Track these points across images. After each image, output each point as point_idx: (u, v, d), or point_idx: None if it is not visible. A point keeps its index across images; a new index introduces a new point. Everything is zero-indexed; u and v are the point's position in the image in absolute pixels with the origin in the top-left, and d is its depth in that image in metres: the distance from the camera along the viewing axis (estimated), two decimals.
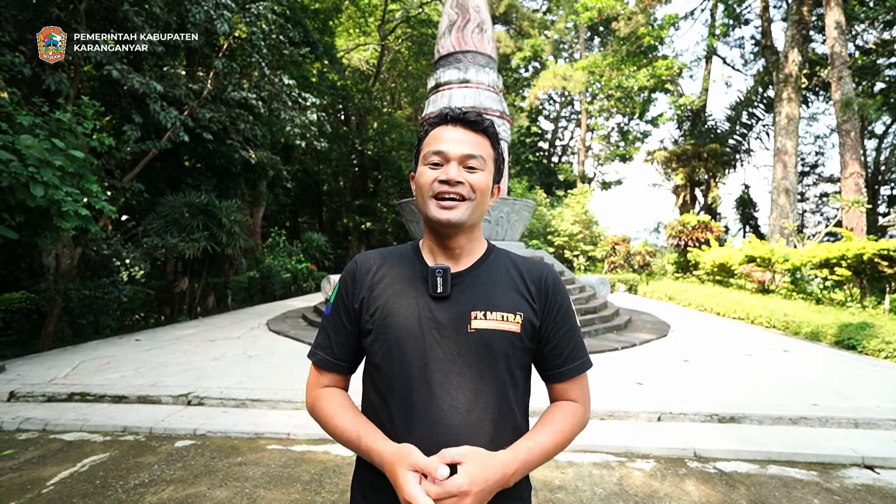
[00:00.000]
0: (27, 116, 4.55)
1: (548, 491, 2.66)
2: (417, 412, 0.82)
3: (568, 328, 0.93)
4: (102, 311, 6.69)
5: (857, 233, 11.34)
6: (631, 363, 5.10)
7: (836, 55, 12.90)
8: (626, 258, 15.60)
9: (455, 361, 0.84)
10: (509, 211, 8.02)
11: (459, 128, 0.90)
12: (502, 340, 0.86)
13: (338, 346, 0.94)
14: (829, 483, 2.76)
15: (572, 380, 0.93)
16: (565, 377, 0.93)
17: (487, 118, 0.93)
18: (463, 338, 0.85)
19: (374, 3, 19.82)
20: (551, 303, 0.92)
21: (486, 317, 0.86)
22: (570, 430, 0.89)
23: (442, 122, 0.92)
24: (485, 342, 0.85)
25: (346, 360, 0.96)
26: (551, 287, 0.93)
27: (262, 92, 9.11)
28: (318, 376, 0.96)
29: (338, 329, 0.95)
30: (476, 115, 0.90)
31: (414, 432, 0.81)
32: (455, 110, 0.91)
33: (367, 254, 0.99)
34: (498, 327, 0.86)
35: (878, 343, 5.59)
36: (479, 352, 0.85)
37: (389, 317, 0.87)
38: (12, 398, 4.00)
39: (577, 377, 0.94)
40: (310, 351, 0.98)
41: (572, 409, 0.92)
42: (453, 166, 0.87)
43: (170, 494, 2.59)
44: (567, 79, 22.93)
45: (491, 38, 8.80)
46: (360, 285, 0.93)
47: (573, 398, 0.94)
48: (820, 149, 26.19)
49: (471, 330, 0.85)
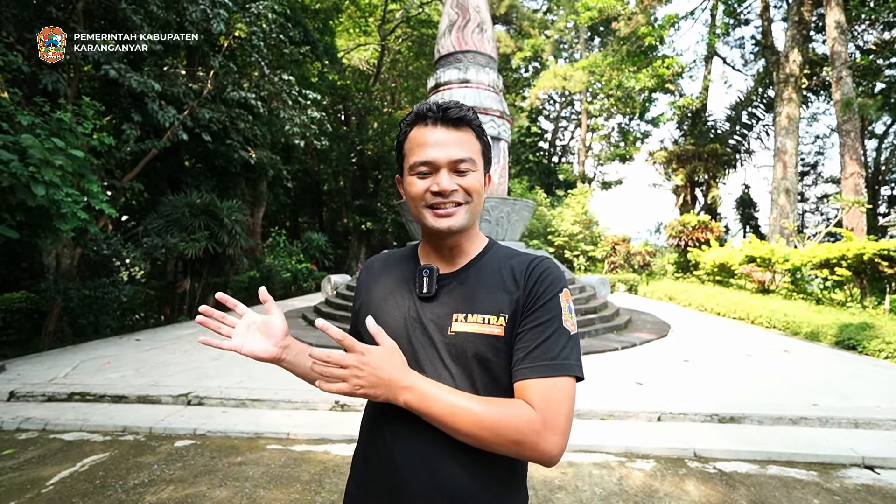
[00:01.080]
0: (27, 116, 4.55)
1: (547, 490, 2.66)
2: (399, 410, 0.80)
3: (542, 322, 0.79)
4: (102, 311, 6.69)
5: (857, 233, 11.33)
6: (631, 363, 5.10)
7: (837, 55, 12.89)
8: (626, 258, 15.59)
9: (436, 364, 0.82)
10: (509, 211, 8.02)
11: (441, 127, 0.83)
12: (482, 345, 0.81)
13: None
14: (829, 483, 2.76)
15: (529, 380, 0.76)
16: (520, 376, 0.78)
17: (467, 108, 0.85)
18: (445, 341, 0.82)
19: (375, 3, 19.83)
20: (532, 292, 0.82)
21: (466, 319, 0.82)
22: (502, 422, 0.73)
23: (421, 121, 0.85)
24: (462, 346, 0.81)
25: None
26: (537, 275, 0.84)
27: (262, 91, 9.11)
28: None
29: (351, 328, 1.01)
30: (457, 111, 0.83)
31: (397, 436, 0.82)
32: (433, 108, 0.84)
33: (375, 257, 1.03)
34: (478, 331, 0.81)
35: (879, 343, 5.59)
36: (458, 356, 0.81)
37: (378, 317, 0.86)
38: (12, 398, 4.00)
39: (536, 378, 0.76)
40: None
41: (520, 405, 0.75)
42: (444, 175, 0.82)
43: (169, 494, 2.59)
44: (567, 79, 22.93)
45: (491, 38, 8.80)
46: (361, 288, 0.98)
47: (529, 402, 0.75)
48: (820, 149, 26.30)
49: (451, 333, 0.82)
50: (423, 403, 0.75)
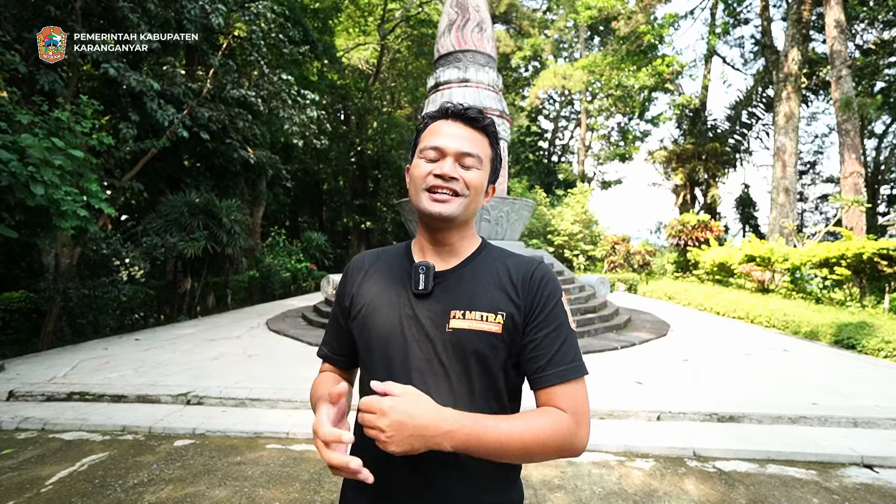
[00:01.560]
0: (26, 115, 4.55)
1: (546, 490, 2.66)
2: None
3: (554, 328, 0.84)
4: (102, 311, 6.69)
5: (856, 232, 11.34)
6: (630, 362, 5.10)
7: (836, 54, 12.89)
8: (625, 258, 15.59)
9: (432, 361, 0.82)
10: (509, 210, 8.02)
11: (459, 123, 0.88)
12: (480, 342, 0.81)
13: (337, 342, 1.01)
14: (829, 482, 2.76)
15: (556, 386, 0.81)
16: (548, 382, 0.82)
17: (488, 116, 0.91)
18: (442, 338, 0.82)
19: (374, 3, 19.81)
20: (536, 299, 0.85)
21: (464, 316, 0.83)
22: (546, 435, 0.76)
23: (442, 117, 0.90)
24: (460, 343, 0.82)
25: (344, 355, 1.01)
26: (538, 282, 0.87)
27: (262, 91, 9.11)
28: (322, 368, 1.05)
29: (336, 326, 1.00)
30: (477, 112, 0.89)
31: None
32: (457, 105, 0.89)
33: (363, 254, 1.01)
34: (476, 327, 0.82)
35: (878, 342, 5.59)
36: (456, 353, 0.82)
37: (372, 314, 0.88)
38: (11, 397, 4.00)
39: (562, 384, 0.81)
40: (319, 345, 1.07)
41: (554, 413, 0.79)
42: (448, 161, 0.85)
43: (169, 494, 2.59)
44: (567, 78, 22.91)
45: (491, 38, 8.79)
46: (350, 284, 0.96)
47: (560, 407, 0.81)
48: (820, 148, 26.22)
49: (448, 330, 0.82)
50: (470, 445, 0.73)
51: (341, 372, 1.03)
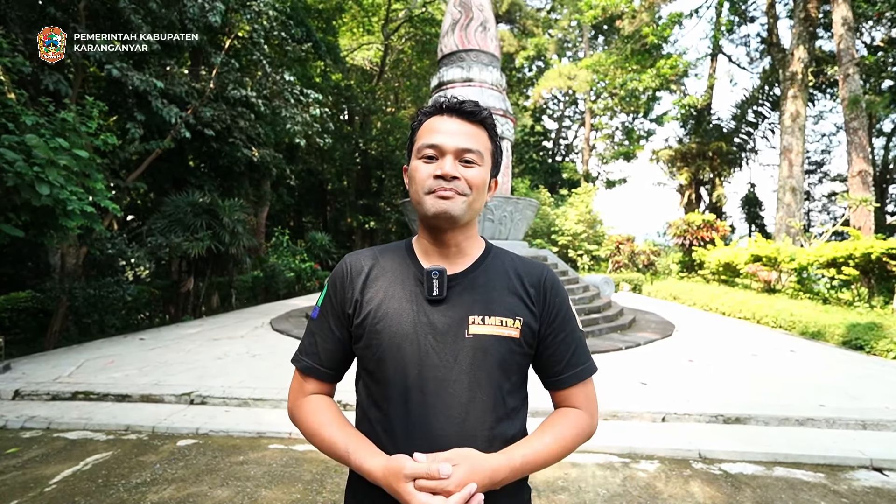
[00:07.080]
0: (32, 116, 4.57)
1: (551, 492, 2.64)
2: (413, 422, 0.79)
3: (568, 332, 0.89)
4: (107, 311, 6.73)
5: (864, 232, 11.21)
6: (635, 363, 5.06)
7: (844, 52, 12.75)
8: (630, 257, 15.52)
9: (451, 368, 0.80)
10: (512, 210, 7.99)
11: (455, 118, 0.84)
12: (501, 347, 0.81)
13: (325, 353, 0.89)
14: (837, 485, 2.72)
15: (574, 386, 0.89)
16: (566, 384, 0.89)
17: (485, 108, 0.87)
18: (460, 344, 0.80)
19: (378, 3, 19.83)
20: (550, 306, 0.88)
21: (484, 322, 0.81)
22: (572, 439, 0.85)
23: (437, 112, 0.86)
24: (483, 348, 0.81)
25: (333, 368, 0.91)
26: (549, 289, 0.89)
27: (264, 90, 9.13)
28: (303, 383, 0.91)
29: (325, 335, 0.90)
30: (473, 105, 0.85)
31: (411, 443, 0.78)
32: (451, 99, 0.85)
33: (357, 253, 0.93)
34: (497, 333, 0.81)
35: (887, 343, 5.52)
36: (475, 358, 0.80)
37: (383, 321, 0.82)
38: (17, 396, 4.02)
39: (579, 384, 0.89)
40: (294, 356, 0.93)
41: (575, 416, 0.88)
42: (448, 160, 0.82)
43: (171, 493, 2.59)
44: (571, 78, 22.83)
45: (494, 37, 8.77)
46: (350, 288, 0.87)
47: (576, 405, 0.89)
48: (827, 147, 25.91)
49: (468, 336, 0.81)
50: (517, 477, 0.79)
51: (328, 388, 0.92)
